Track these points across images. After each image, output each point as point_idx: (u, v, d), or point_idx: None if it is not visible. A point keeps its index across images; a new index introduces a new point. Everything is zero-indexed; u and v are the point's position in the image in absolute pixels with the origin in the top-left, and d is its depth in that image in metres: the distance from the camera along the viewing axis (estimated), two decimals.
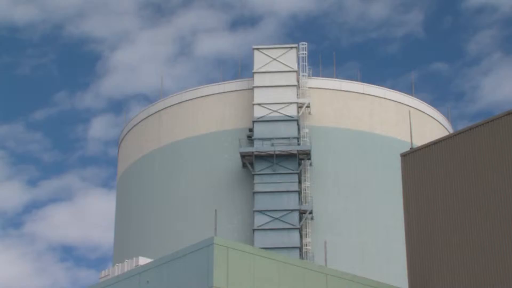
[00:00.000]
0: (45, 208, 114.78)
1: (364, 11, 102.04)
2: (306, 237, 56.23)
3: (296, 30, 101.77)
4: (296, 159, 57.46)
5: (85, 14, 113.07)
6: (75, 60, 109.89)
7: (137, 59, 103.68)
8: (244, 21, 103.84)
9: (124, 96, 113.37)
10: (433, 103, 70.60)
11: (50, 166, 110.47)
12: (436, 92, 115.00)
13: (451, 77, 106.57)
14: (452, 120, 69.81)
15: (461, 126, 52.92)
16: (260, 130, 58.47)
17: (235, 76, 64.68)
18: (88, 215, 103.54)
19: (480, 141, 34.33)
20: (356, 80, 63.62)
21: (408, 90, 67.05)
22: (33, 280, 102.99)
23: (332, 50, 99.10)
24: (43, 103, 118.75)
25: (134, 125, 66.99)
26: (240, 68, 71.02)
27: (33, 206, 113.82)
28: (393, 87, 65.75)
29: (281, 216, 56.26)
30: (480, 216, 32.61)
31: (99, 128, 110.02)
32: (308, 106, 59.14)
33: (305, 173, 58.09)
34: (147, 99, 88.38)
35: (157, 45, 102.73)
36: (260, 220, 56.10)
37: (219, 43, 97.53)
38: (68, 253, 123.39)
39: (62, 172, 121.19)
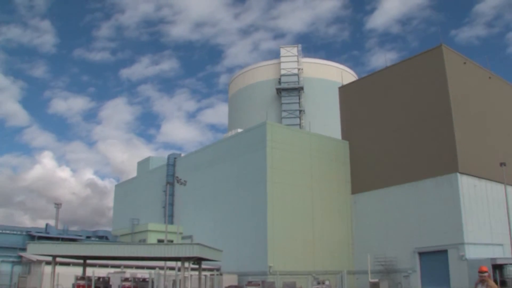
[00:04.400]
0: (202, 111, 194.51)
1: (326, 31, 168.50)
2: (302, 120, 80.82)
3: (301, 38, 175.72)
4: (297, 90, 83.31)
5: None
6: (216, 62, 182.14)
7: (244, 56, 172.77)
8: (279, 36, 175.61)
9: (234, 67, 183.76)
10: (352, 68, 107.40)
11: (205, 95, 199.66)
12: (353, 61, 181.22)
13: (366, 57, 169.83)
14: (358, 74, 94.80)
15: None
16: (283, 79, 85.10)
17: (274, 57, 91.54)
18: (219, 112, 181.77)
19: (393, 77, 48.10)
20: (322, 58, 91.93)
21: (342, 62, 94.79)
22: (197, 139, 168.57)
23: (313, 46, 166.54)
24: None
25: (235, 77, 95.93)
26: (277, 55, 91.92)
27: (197, 111, 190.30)
28: (337, 61, 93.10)
29: (292, 112, 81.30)
30: (393, 124, 47.79)
31: (224, 79, 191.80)
32: (301, 69, 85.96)
33: (301, 95, 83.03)
34: (241, 66, 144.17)
35: (253, 52, 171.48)
36: (284, 114, 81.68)
37: (270, 45, 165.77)
38: (213, 127, 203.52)
39: (210, 96, 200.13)
